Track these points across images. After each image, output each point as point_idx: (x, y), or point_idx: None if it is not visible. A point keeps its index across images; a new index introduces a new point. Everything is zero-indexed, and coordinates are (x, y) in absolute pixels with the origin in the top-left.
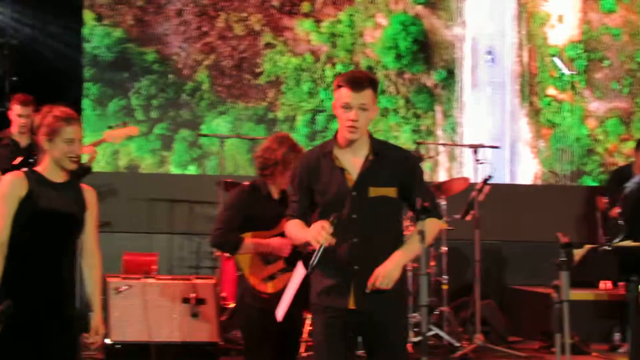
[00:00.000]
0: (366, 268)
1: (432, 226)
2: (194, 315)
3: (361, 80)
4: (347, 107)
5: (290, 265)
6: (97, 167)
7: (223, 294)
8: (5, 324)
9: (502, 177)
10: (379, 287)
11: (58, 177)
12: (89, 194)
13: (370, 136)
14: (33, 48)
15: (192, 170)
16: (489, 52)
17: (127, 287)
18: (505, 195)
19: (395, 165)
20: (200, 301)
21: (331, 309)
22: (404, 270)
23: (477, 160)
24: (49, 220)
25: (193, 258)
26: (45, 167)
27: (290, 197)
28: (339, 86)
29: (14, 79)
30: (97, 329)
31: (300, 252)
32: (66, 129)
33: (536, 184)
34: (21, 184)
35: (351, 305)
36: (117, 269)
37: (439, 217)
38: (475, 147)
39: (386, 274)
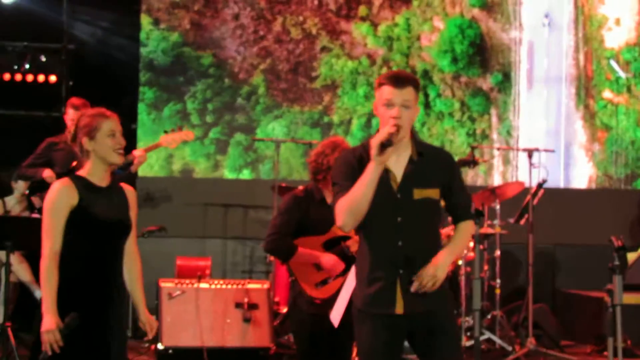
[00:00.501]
0: (412, 272)
1: (469, 229)
2: (247, 320)
3: (403, 78)
4: (389, 104)
5: (342, 271)
6: (151, 172)
7: (276, 299)
8: (67, 334)
9: (557, 181)
10: (424, 289)
11: (102, 180)
12: (131, 195)
13: (413, 136)
14: (90, 52)
15: (246, 174)
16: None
17: (180, 292)
18: (560, 199)
19: (438, 166)
20: (253, 306)
21: (378, 316)
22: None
23: (532, 164)
24: (102, 228)
25: (246, 263)
26: (89, 171)
27: (336, 187)
28: (381, 84)
29: (71, 83)
30: (150, 323)
31: (351, 257)
32: (105, 123)
33: (590, 188)
34: (71, 192)
35: (399, 310)
36: (170, 274)
37: (472, 217)
38: (530, 151)
39: (431, 274)
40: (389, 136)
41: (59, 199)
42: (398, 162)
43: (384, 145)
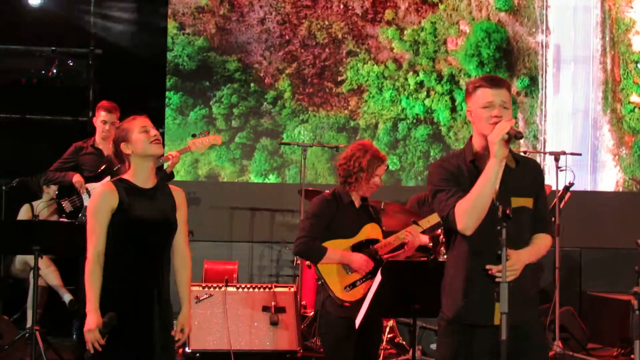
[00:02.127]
0: (513, 282)
1: (547, 242)
2: (274, 323)
3: (499, 79)
4: (490, 105)
5: (370, 273)
6: (177, 177)
7: (303, 302)
8: (112, 334)
9: (584, 185)
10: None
11: (147, 182)
12: (178, 195)
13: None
14: (117, 57)
15: (272, 179)
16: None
17: (207, 295)
18: (586, 203)
19: (532, 175)
20: (280, 309)
21: (472, 327)
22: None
23: (559, 167)
24: (144, 228)
25: (273, 266)
26: (132, 174)
27: (442, 193)
28: (477, 88)
29: (98, 87)
30: (182, 326)
31: (379, 260)
32: (136, 122)
33: (617, 191)
34: (111, 195)
35: (497, 321)
36: (198, 278)
37: (552, 233)
38: (556, 155)
39: (516, 262)
40: (513, 129)
41: (100, 202)
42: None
43: (515, 137)
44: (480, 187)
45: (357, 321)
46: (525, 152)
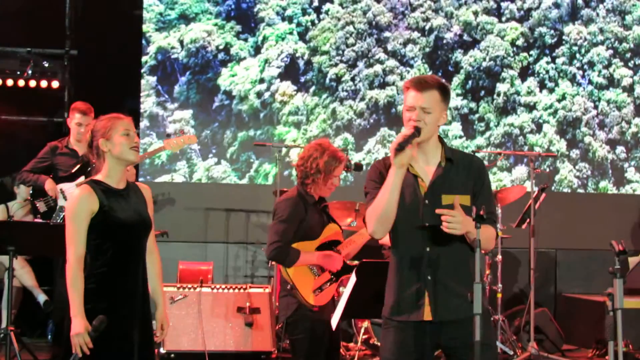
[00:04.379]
0: (440, 278)
1: (491, 232)
2: (249, 324)
3: (426, 81)
4: (410, 108)
5: (335, 276)
6: (152, 179)
7: (277, 303)
8: (95, 336)
9: (559, 185)
10: (447, 221)
11: (120, 182)
12: (146, 192)
13: (443, 143)
14: (92, 58)
15: (247, 179)
16: None
17: (182, 296)
18: (562, 204)
19: (468, 172)
20: (254, 310)
21: (404, 323)
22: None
23: (534, 168)
24: (125, 230)
25: (248, 267)
26: (106, 174)
27: (368, 196)
28: (407, 88)
29: (73, 87)
30: (162, 323)
31: (345, 263)
32: (120, 123)
33: (592, 193)
34: (91, 198)
35: (427, 316)
36: (173, 278)
37: (495, 227)
38: (532, 156)
39: (460, 218)
40: (405, 138)
41: (80, 206)
42: (427, 168)
43: (400, 147)
44: (381, 195)
45: (334, 323)
46: (499, 154)
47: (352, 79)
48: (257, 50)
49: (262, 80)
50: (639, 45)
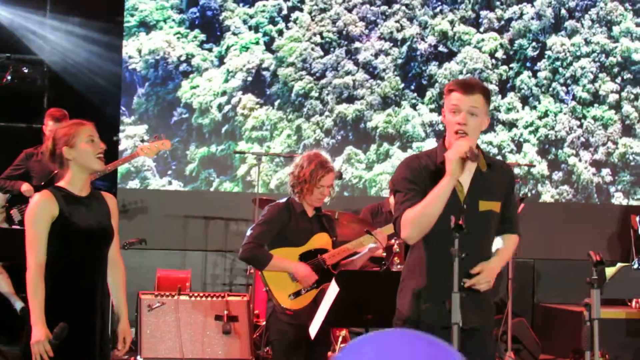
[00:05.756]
0: (467, 294)
1: (515, 241)
2: (227, 332)
3: (472, 84)
4: (456, 110)
5: (316, 283)
6: (130, 184)
7: (256, 312)
8: (56, 344)
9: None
10: (476, 285)
11: (82, 190)
12: (111, 202)
13: (479, 147)
14: (72, 64)
15: (227, 187)
16: None
17: (160, 304)
18: (540, 213)
19: (503, 179)
20: (232, 318)
21: (437, 327)
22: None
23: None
24: (84, 237)
25: (227, 275)
26: (69, 181)
27: (399, 194)
28: (450, 91)
29: (52, 93)
30: (124, 336)
31: (327, 270)
32: (83, 130)
33: (570, 202)
34: (51, 204)
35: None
36: (150, 286)
37: (519, 234)
38: (511, 165)
39: (486, 278)
40: (471, 150)
41: (40, 211)
42: (466, 174)
43: (472, 159)
44: (429, 202)
45: (313, 332)
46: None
47: (320, 93)
48: (221, 60)
49: (224, 93)
50: (626, 58)
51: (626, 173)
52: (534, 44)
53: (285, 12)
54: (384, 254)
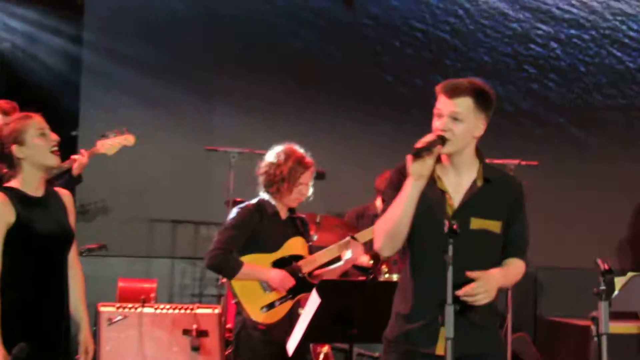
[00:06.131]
0: (461, 311)
1: (520, 268)
2: (195, 348)
3: (457, 86)
4: (439, 114)
5: (291, 294)
6: (90, 183)
7: (228, 326)
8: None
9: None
10: (469, 298)
11: (37, 190)
12: (67, 198)
13: (482, 159)
14: (26, 55)
15: (197, 187)
16: None
17: (121, 317)
18: (543, 217)
19: (504, 196)
20: (202, 333)
21: (414, 354)
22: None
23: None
24: (45, 243)
25: (196, 285)
26: (22, 181)
27: (385, 199)
28: (438, 93)
29: (5, 84)
30: (86, 346)
31: (302, 279)
32: (32, 123)
33: (576, 205)
34: (6, 208)
35: (439, 350)
36: (111, 297)
37: (526, 262)
38: (511, 164)
39: (484, 288)
40: (425, 144)
41: None
42: (459, 185)
43: (417, 153)
44: (393, 207)
45: (291, 348)
46: None
47: None
48: None
49: None
50: None
51: None
52: None
53: None
54: (371, 262)
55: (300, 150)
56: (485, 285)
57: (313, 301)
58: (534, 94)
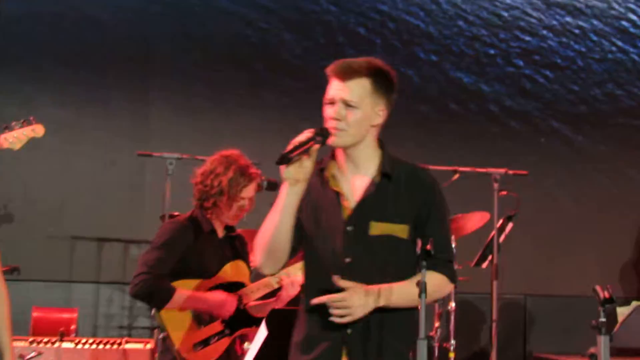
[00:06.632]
0: (362, 332)
1: (436, 284)
2: None
3: (351, 66)
4: (330, 102)
5: (229, 329)
6: None
7: None
8: None
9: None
10: (336, 312)
11: None
12: None
13: (384, 150)
14: None
15: (128, 199)
16: None
17: (35, 353)
18: (532, 236)
19: (411, 192)
20: None
21: None
22: (411, 326)
23: (499, 190)
24: None
25: (125, 315)
26: None
27: None
28: (329, 76)
29: None
30: None
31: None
32: None
33: (571, 223)
34: None
35: None
36: (24, 329)
37: (451, 275)
38: (496, 174)
39: (351, 301)
40: (295, 145)
41: None
42: (355, 184)
43: (282, 158)
44: (269, 218)
45: None
46: (456, 171)
47: None
48: None
49: None
50: None
51: None
52: None
53: None
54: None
55: (245, 158)
56: (349, 300)
57: (261, 333)
58: (524, 92)
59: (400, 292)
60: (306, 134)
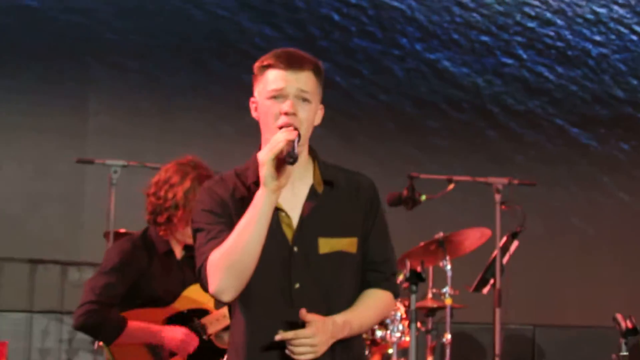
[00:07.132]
0: None
1: (386, 303)
2: None
3: (300, 58)
4: (279, 95)
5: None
6: None
7: None
8: None
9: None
10: (299, 350)
11: None
12: None
13: (315, 155)
14: None
15: (65, 213)
16: None
17: None
18: (541, 257)
19: (355, 201)
20: None
21: None
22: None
23: (502, 203)
24: None
25: (63, 349)
26: None
27: (200, 234)
28: (265, 68)
29: None
30: None
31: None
32: None
33: (585, 241)
34: None
35: None
36: None
37: (395, 291)
38: (497, 184)
39: (317, 338)
40: (290, 145)
41: None
42: (293, 197)
43: (288, 160)
44: (242, 231)
45: None
46: (450, 180)
47: None
48: None
49: None
50: None
51: None
52: None
53: None
54: None
55: (205, 166)
56: (314, 337)
57: None
58: (525, 88)
59: (360, 322)
60: (289, 134)
